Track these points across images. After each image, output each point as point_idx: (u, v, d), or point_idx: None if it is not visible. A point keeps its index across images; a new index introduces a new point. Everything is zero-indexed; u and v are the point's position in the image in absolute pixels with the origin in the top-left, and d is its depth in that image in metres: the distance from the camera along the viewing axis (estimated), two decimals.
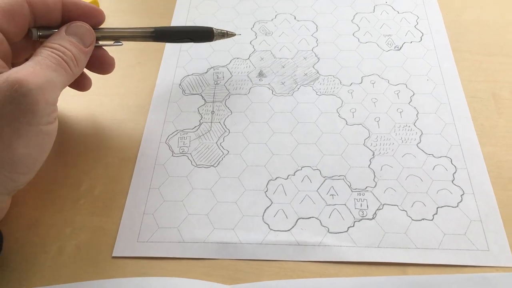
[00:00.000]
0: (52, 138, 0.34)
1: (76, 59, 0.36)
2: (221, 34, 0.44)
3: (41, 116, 0.32)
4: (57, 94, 0.34)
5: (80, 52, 0.36)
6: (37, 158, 0.33)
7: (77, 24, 0.37)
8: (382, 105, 0.43)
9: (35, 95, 0.31)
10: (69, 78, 0.35)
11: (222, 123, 0.43)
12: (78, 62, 0.36)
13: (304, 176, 0.39)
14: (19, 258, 0.35)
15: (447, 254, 0.34)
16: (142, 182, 0.39)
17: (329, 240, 0.35)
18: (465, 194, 0.37)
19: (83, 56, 0.37)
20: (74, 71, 0.36)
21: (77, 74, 0.37)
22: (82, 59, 0.37)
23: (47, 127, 0.33)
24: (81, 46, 0.36)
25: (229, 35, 0.44)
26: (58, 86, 0.34)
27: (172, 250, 0.35)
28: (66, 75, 0.35)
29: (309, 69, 0.47)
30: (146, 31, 0.41)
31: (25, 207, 0.38)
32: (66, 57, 0.35)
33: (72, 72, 0.35)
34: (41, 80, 0.31)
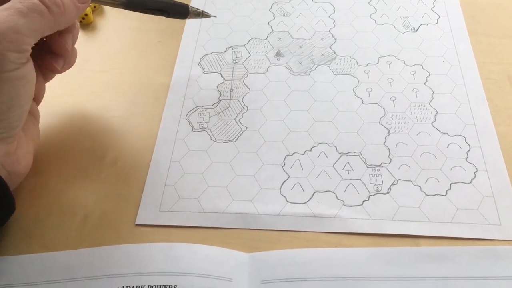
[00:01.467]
0: (25, 81, 0.33)
1: (65, 7, 0.34)
2: (196, 13, 0.43)
3: (3, 64, 0.31)
4: (24, 41, 0.32)
5: (72, 4, 0.34)
6: (12, 104, 0.32)
7: None
8: (398, 85, 0.44)
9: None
10: (47, 25, 0.33)
11: (240, 100, 0.44)
12: (65, 9, 0.34)
13: (321, 152, 0.40)
14: (45, 225, 0.37)
15: (460, 228, 0.35)
16: (163, 156, 0.41)
17: (345, 213, 0.37)
18: (479, 171, 0.38)
19: (74, 8, 0.35)
20: (57, 19, 0.33)
21: (62, 23, 0.35)
22: (72, 11, 0.35)
23: (15, 72, 0.32)
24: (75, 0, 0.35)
25: (205, 15, 0.44)
26: (26, 33, 0.32)
27: (192, 219, 0.37)
28: (43, 21, 0.32)
29: (326, 50, 0.47)
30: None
31: (51, 177, 0.39)
32: (49, 1, 0.33)
33: (53, 18, 0.33)
34: (2, 28, 0.30)
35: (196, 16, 0.43)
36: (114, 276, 0.33)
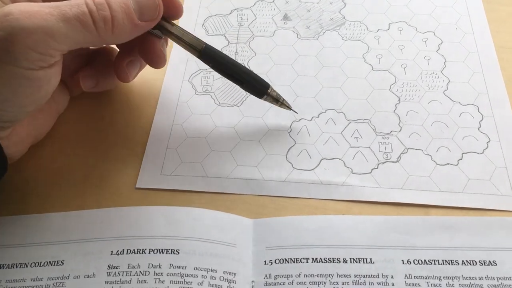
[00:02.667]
0: (34, 84, 0.30)
1: (114, 24, 0.30)
2: (274, 97, 0.37)
3: (17, 58, 0.28)
4: (53, 45, 0.29)
5: (128, 20, 0.31)
6: (13, 100, 0.30)
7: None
8: (409, 52, 0.43)
9: (15, 35, 0.27)
10: (88, 38, 0.30)
11: (246, 64, 0.42)
12: (114, 27, 0.31)
13: (328, 119, 0.39)
14: (44, 185, 0.35)
15: (471, 198, 0.34)
16: (165, 118, 0.39)
17: (353, 181, 0.35)
18: (491, 141, 0.37)
19: (129, 27, 0.31)
20: (102, 34, 0.30)
21: (109, 40, 0.32)
22: (126, 29, 0.31)
23: (28, 72, 0.29)
24: (134, 16, 0.31)
25: (284, 105, 0.37)
26: (58, 39, 0.29)
27: (196, 184, 0.35)
28: (84, 33, 0.30)
29: (335, 14, 0.46)
30: (196, 42, 0.35)
31: (49, 137, 0.38)
32: (98, 15, 0.30)
33: (97, 33, 0.30)
34: (32, 24, 0.28)
35: (273, 100, 0.37)
36: (114, 238, 0.32)
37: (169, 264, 0.31)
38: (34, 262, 0.31)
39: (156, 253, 0.31)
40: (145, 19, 0.32)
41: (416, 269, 0.31)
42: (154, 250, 0.31)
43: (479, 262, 0.31)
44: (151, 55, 0.36)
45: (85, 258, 0.31)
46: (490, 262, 0.31)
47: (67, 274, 0.31)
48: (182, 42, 0.35)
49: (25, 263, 0.31)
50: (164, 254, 0.31)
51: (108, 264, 0.31)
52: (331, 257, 0.31)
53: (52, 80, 0.31)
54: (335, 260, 0.31)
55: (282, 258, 0.31)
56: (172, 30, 0.35)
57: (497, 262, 0.31)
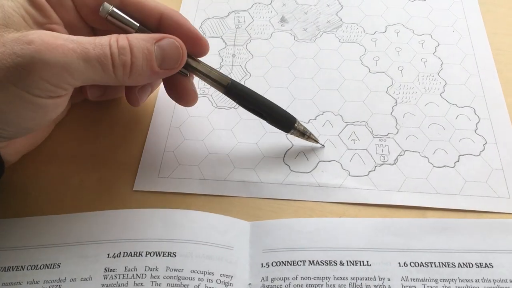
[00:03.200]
0: (40, 110, 0.30)
1: (132, 70, 0.30)
2: (301, 131, 0.36)
3: (30, 86, 0.28)
4: (68, 81, 0.29)
5: (147, 67, 0.31)
6: (15, 122, 0.30)
7: (172, 40, 0.31)
8: (406, 55, 0.43)
9: (33, 66, 0.27)
10: (105, 79, 0.30)
11: (243, 66, 0.42)
12: (132, 72, 0.30)
13: (326, 121, 0.39)
14: (40, 188, 0.35)
15: (468, 200, 0.34)
16: (162, 121, 0.39)
17: (350, 183, 0.35)
18: (488, 143, 0.37)
19: (148, 73, 0.31)
20: (119, 78, 0.30)
21: (124, 82, 0.31)
22: (144, 75, 0.31)
23: (36, 99, 0.29)
24: (154, 64, 0.31)
25: (312, 138, 0.37)
26: (75, 76, 0.29)
27: (193, 186, 0.35)
28: (101, 74, 0.30)
29: (332, 17, 0.46)
30: (222, 79, 0.34)
31: (46, 140, 0.38)
32: (118, 60, 0.30)
33: (114, 76, 0.30)
34: (53, 58, 0.27)
35: (300, 134, 0.36)
36: (111, 241, 0.32)
37: (166, 267, 0.31)
38: (31, 265, 0.31)
39: (152, 256, 0.31)
40: (166, 67, 0.32)
41: (413, 271, 0.31)
42: (150, 253, 0.31)
43: (476, 265, 0.31)
44: (181, 95, 0.35)
45: (82, 261, 0.31)
46: (486, 265, 0.31)
47: (64, 277, 0.31)
48: (208, 79, 0.34)
49: (22, 266, 0.31)
50: (160, 257, 0.31)
51: (104, 267, 0.31)
52: (328, 260, 0.31)
53: (58, 109, 0.31)
54: (332, 262, 0.31)
55: (279, 260, 0.31)
56: (198, 68, 0.34)
57: (494, 265, 0.31)
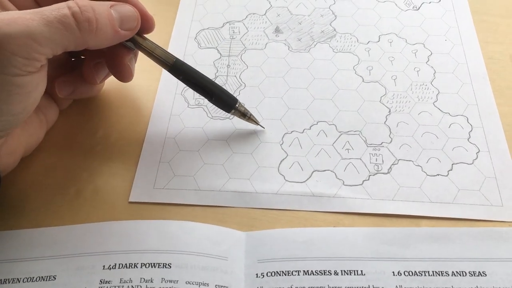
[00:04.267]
0: (23, 91, 0.30)
1: (98, 26, 0.31)
2: (241, 112, 0.38)
3: (3, 65, 0.28)
4: (37, 49, 0.29)
5: (109, 25, 0.32)
6: (2, 108, 0.30)
7: (125, 4, 0.33)
8: (399, 64, 0.43)
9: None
10: (72, 40, 0.31)
11: (238, 76, 0.43)
12: (98, 29, 0.31)
13: (320, 131, 0.39)
14: (36, 200, 0.35)
15: (461, 208, 0.35)
16: (157, 132, 0.39)
17: (344, 192, 0.36)
18: (481, 152, 0.37)
19: (111, 32, 0.32)
20: (85, 35, 0.31)
21: (92, 43, 0.32)
22: (107, 34, 0.32)
23: (15, 78, 0.29)
24: (115, 23, 0.32)
25: (251, 119, 0.38)
26: (42, 42, 0.29)
27: (188, 197, 0.36)
28: (67, 35, 0.30)
29: (326, 27, 0.46)
30: (167, 56, 0.36)
31: (42, 151, 0.38)
32: (82, 16, 0.30)
33: (80, 34, 0.31)
34: (14, 30, 0.28)
35: (241, 115, 0.38)
36: (106, 253, 0.32)
37: (161, 278, 0.31)
38: (27, 277, 0.31)
39: (148, 267, 0.31)
40: (125, 28, 0.34)
41: (407, 280, 0.31)
42: (146, 264, 0.31)
43: (469, 273, 0.31)
44: (118, 68, 0.37)
45: (77, 273, 0.31)
46: (480, 273, 0.31)
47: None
48: (153, 56, 0.36)
49: (18, 278, 0.31)
50: (156, 268, 0.31)
51: (100, 279, 0.31)
52: (322, 269, 0.31)
53: (39, 86, 0.32)
54: (326, 272, 0.31)
55: (273, 270, 0.32)
56: (144, 44, 0.36)
57: (487, 273, 0.31)
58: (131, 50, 0.36)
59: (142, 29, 0.36)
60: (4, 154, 0.33)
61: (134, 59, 0.38)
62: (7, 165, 0.35)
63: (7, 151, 0.34)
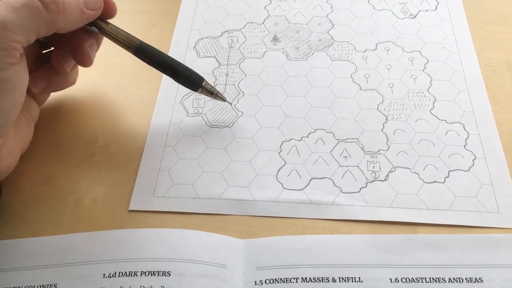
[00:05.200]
0: (11, 84, 0.30)
1: (64, 6, 0.31)
2: (208, 90, 0.39)
3: None
4: (12, 38, 0.29)
5: (76, 6, 0.32)
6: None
7: None
8: (396, 72, 0.43)
9: None
10: (42, 23, 0.31)
11: (236, 85, 0.43)
12: (65, 9, 0.31)
13: (318, 138, 0.39)
14: (36, 209, 0.36)
15: (458, 215, 0.35)
16: (157, 141, 0.40)
17: (342, 200, 0.36)
18: (477, 158, 0.38)
19: (78, 12, 0.33)
20: (55, 18, 0.31)
21: (60, 25, 0.32)
22: (74, 14, 0.32)
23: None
24: (81, 3, 0.33)
25: (218, 97, 0.39)
26: (15, 30, 0.29)
27: (187, 205, 0.36)
28: (37, 19, 0.30)
29: (323, 35, 0.47)
30: (132, 40, 0.37)
31: (42, 161, 0.38)
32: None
33: (50, 17, 0.31)
34: None
35: (208, 93, 0.39)
36: (106, 261, 0.32)
37: (161, 286, 0.31)
38: (27, 285, 0.32)
39: (148, 275, 0.31)
40: (90, 8, 0.34)
41: (404, 287, 0.31)
42: (145, 273, 0.32)
43: (466, 279, 0.31)
44: (79, 53, 0.37)
45: (78, 281, 0.31)
46: (476, 279, 0.31)
47: None
48: (117, 40, 0.37)
49: (19, 287, 0.32)
50: (155, 276, 0.31)
51: (100, 287, 0.31)
52: (320, 277, 0.32)
53: (23, 78, 0.32)
54: (324, 279, 0.32)
55: (272, 278, 0.32)
56: (107, 29, 0.37)
57: (484, 279, 0.31)
58: (92, 35, 0.37)
59: (104, 14, 0.36)
60: (5, 155, 0.34)
61: (96, 46, 0.38)
62: (9, 165, 0.35)
63: (7, 152, 0.34)
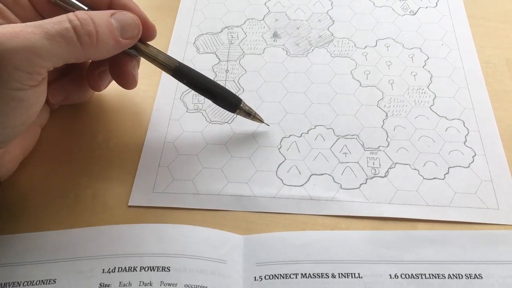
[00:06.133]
0: (26, 103, 0.30)
1: (98, 38, 0.31)
2: (246, 111, 0.38)
3: (6, 80, 0.28)
4: (39, 64, 0.29)
5: (111, 36, 0.32)
6: (3, 122, 0.30)
7: (125, 12, 0.34)
8: (396, 68, 0.43)
9: (1, 58, 0.28)
10: (73, 53, 0.31)
11: (236, 81, 0.43)
12: (98, 41, 0.31)
13: (318, 135, 0.39)
14: (36, 204, 0.36)
15: (458, 212, 0.35)
16: (156, 136, 0.40)
17: (342, 196, 0.36)
18: (477, 155, 0.38)
19: (112, 43, 0.32)
20: (86, 49, 0.31)
21: (93, 55, 0.32)
22: (109, 44, 0.32)
23: (16, 92, 0.29)
24: (116, 33, 0.33)
25: (256, 118, 0.38)
26: (44, 56, 0.29)
27: (187, 201, 0.36)
28: (69, 48, 0.30)
29: (323, 31, 0.47)
30: (170, 61, 0.37)
31: (42, 156, 0.38)
32: (82, 30, 0.31)
33: (82, 48, 0.31)
34: (16, 45, 0.28)
35: (245, 114, 0.38)
36: (105, 256, 0.32)
37: (160, 282, 0.31)
38: (27, 280, 0.32)
39: (147, 270, 0.31)
40: (126, 37, 0.34)
41: (404, 283, 0.31)
42: (145, 268, 0.32)
43: (465, 276, 0.31)
44: (122, 76, 0.37)
45: (77, 277, 0.31)
46: (476, 276, 0.31)
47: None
48: (156, 62, 0.37)
49: (18, 282, 0.32)
50: (155, 272, 0.31)
51: (99, 282, 0.31)
52: (319, 273, 0.32)
53: (40, 98, 0.32)
54: (323, 275, 0.32)
55: (271, 274, 0.32)
56: (146, 51, 0.36)
57: (483, 276, 0.31)
58: (133, 57, 0.37)
59: (143, 37, 0.36)
60: (5, 161, 0.34)
61: (137, 66, 0.38)
62: (8, 171, 0.35)
63: (8, 158, 0.34)
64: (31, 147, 0.38)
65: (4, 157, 0.34)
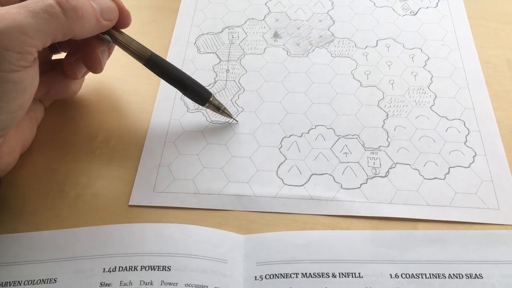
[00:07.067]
0: (21, 86, 0.31)
1: (83, 14, 0.32)
2: (215, 105, 0.39)
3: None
4: (29, 42, 0.30)
5: (93, 15, 0.33)
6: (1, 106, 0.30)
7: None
8: (397, 68, 0.43)
9: None
10: (60, 29, 0.31)
11: (237, 81, 0.43)
12: (84, 17, 0.32)
13: (318, 135, 0.39)
14: (36, 204, 0.36)
15: (458, 212, 0.35)
16: (157, 136, 0.40)
17: (342, 196, 0.36)
18: (477, 155, 0.38)
19: (94, 21, 0.33)
20: (72, 24, 0.32)
21: (77, 31, 0.32)
22: (91, 22, 0.33)
23: (11, 74, 0.29)
24: (97, 13, 0.34)
25: (225, 113, 0.39)
26: (32, 35, 0.29)
27: (187, 201, 0.36)
28: (55, 24, 0.31)
29: (324, 32, 0.47)
30: (143, 51, 0.37)
31: (42, 155, 0.38)
32: (68, 4, 0.31)
33: (68, 23, 0.31)
34: (3, 26, 0.28)
35: (215, 108, 0.39)
36: (106, 256, 0.32)
37: (161, 281, 0.31)
38: (28, 280, 0.32)
39: (148, 270, 0.31)
40: (106, 18, 0.35)
41: (404, 283, 0.31)
42: (146, 267, 0.32)
43: (466, 275, 0.31)
44: (89, 58, 0.37)
45: (78, 276, 0.31)
46: (476, 275, 0.31)
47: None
48: (129, 50, 0.37)
49: (19, 281, 0.32)
50: (155, 271, 0.31)
51: (100, 282, 0.31)
52: (320, 272, 0.32)
53: (34, 80, 0.32)
54: (324, 275, 0.32)
55: (272, 273, 0.32)
56: (120, 38, 0.37)
57: (483, 275, 0.31)
58: (104, 42, 0.37)
59: (119, 24, 0.37)
60: (4, 153, 0.34)
61: (107, 54, 0.39)
62: (8, 164, 0.35)
63: (7, 151, 0.34)
64: (28, 143, 0.38)
65: (2, 147, 0.34)
